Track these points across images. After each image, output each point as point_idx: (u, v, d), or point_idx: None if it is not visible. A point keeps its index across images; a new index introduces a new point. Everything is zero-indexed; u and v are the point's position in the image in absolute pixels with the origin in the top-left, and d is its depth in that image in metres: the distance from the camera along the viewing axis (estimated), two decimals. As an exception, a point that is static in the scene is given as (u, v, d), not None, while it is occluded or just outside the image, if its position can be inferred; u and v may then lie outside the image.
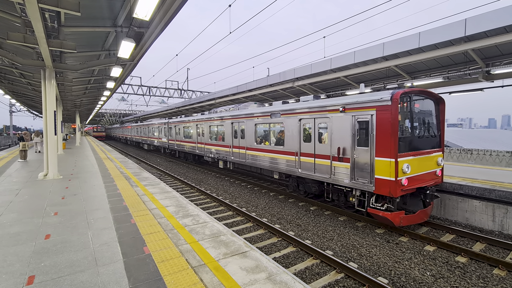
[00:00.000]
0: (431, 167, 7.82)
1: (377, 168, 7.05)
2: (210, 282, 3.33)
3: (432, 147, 8.00)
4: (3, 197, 7.14)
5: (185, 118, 20.50)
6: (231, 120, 13.72)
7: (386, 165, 6.84)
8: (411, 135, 7.56)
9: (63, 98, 20.23)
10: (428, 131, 8.08)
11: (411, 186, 7.09)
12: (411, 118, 7.60)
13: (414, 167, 7.16)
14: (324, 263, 5.69)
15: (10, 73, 13.47)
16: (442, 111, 8.35)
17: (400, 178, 6.76)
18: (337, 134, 8.16)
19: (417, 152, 7.38)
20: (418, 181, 7.34)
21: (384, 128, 6.90)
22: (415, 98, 7.76)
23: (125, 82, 22.25)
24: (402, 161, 6.82)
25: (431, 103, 8.32)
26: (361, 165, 7.50)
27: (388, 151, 6.79)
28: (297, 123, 9.64)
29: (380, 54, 10.64)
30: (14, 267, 3.64)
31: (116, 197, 7.25)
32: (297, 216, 8.75)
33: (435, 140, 8.22)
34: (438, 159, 8.02)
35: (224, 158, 14.71)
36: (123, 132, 51.28)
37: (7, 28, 7.65)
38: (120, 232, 4.83)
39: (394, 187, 6.69)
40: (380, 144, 6.97)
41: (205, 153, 16.88)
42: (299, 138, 9.60)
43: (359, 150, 7.56)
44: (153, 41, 8.45)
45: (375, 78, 13.63)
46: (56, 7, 5.32)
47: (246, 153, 12.70)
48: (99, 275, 3.46)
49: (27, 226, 5.08)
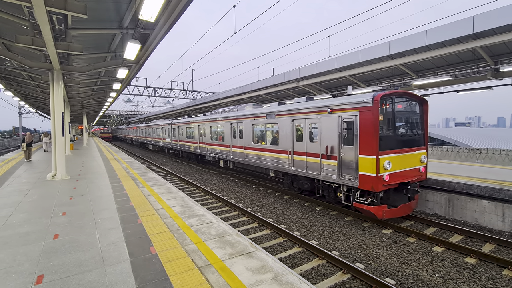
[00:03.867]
0: (414, 164, 8.24)
1: (360, 165, 7.54)
2: (216, 283, 3.34)
3: (415, 146, 8.40)
4: (13, 197, 7.27)
5: (188, 119, 21.03)
6: (230, 121, 14.26)
7: (368, 162, 7.32)
8: (393, 134, 7.97)
9: (70, 99, 20.52)
10: (411, 131, 8.53)
11: (393, 182, 7.54)
12: (393, 118, 8.02)
13: (396, 164, 7.62)
14: (330, 264, 5.65)
15: (19, 76, 13.72)
16: (426, 111, 8.73)
17: (382, 174, 7.24)
18: (325, 134, 8.64)
19: (399, 150, 7.81)
20: (400, 177, 7.75)
21: (366, 127, 7.39)
22: (397, 99, 8.17)
23: (131, 83, 22.52)
24: (383, 158, 7.30)
25: (414, 104, 8.72)
26: (347, 162, 7.98)
27: (370, 149, 7.27)
28: (290, 123, 10.12)
29: (386, 52, 10.54)
30: (24, 266, 3.70)
31: (123, 197, 7.32)
32: (303, 216, 8.71)
33: (419, 139, 8.60)
34: (421, 156, 8.42)
35: (224, 157, 15.31)
36: (129, 133, 52.05)
37: (15, 31, 7.79)
38: (127, 232, 4.87)
39: (376, 182, 7.19)
40: (363, 142, 7.48)
41: (207, 153, 17.48)
42: (292, 137, 10.09)
43: (345, 148, 8.05)
44: (158, 43, 8.50)
45: (380, 77, 13.51)
46: (63, 10, 5.39)
47: (244, 152, 13.25)
48: (107, 274, 3.49)
49: (36, 226, 5.16)
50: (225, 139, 14.97)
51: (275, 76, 16.63)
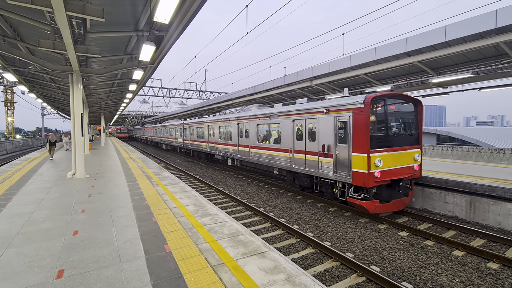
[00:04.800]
0: (408, 162, 8.62)
1: (354, 162, 8.02)
2: (229, 282, 3.35)
3: (409, 144, 8.74)
4: (36, 194, 7.60)
5: (198, 119, 21.77)
6: (236, 121, 14.99)
7: (360, 159, 7.79)
8: (385, 133, 8.33)
9: (89, 101, 21.26)
10: (404, 130, 8.90)
11: (385, 178, 7.98)
12: (385, 118, 8.39)
13: (387, 161, 8.05)
14: (344, 266, 5.55)
15: (42, 78, 14.34)
16: (420, 112, 9.10)
17: (373, 171, 7.70)
18: (322, 133, 9.17)
19: (391, 149, 8.22)
20: (392, 174, 8.17)
21: (358, 127, 7.86)
22: (390, 101, 8.51)
23: (146, 84, 23.07)
24: (374, 156, 7.75)
25: (408, 105, 9.07)
26: (342, 160, 8.47)
27: (362, 148, 7.74)
28: (291, 123, 10.68)
29: (403, 49, 10.24)
30: (45, 261, 3.85)
31: (138, 195, 7.49)
32: (316, 217, 8.61)
33: (412, 138, 8.94)
34: (415, 155, 8.78)
35: (231, 156, 15.99)
36: (143, 133, 53.65)
37: (38, 36, 8.15)
38: (142, 230, 4.98)
39: (367, 178, 7.64)
40: (355, 141, 7.96)
41: (216, 152, 18.18)
42: (293, 137, 10.64)
43: (340, 146, 8.56)
44: (172, 44, 8.65)
45: (397, 75, 13.14)
46: (82, 14, 5.58)
47: (250, 151, 13.90)
48: (123, 271, 3.58)
49: (57, 223, 5.37)
50: (232, 139, 15.65)
51: (288, 75, 16.53)
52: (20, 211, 6.06)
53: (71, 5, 5.42)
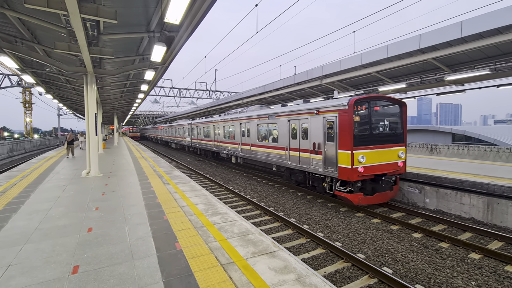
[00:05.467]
0: (392, 159, 9.23)
1: (339, 159, 8.73)
2: (239, 281, 3.36)
3: (393, 143, 9.33)
4: (53, 192, 7.85)
5: (205, 119, 22.78)
6: (239, 121, 15.92)
7: (345, 156, 8.50)
8: (369, 132, 8.96)
9: (102, 101, 21.77)
10: (388, 129, 9.45)
11: (368, 173, 8.63)
12: (369, 118, 9.01)
13: (370, 158, 8.68)
14: (355, 267, 5.47)
15: (58, 80, 14.79)
16: (404, 112, 9.71)
17: (356, 167, 8.38)
18: (313, 132, 9.86)
19: (374, 146, 8.84)
20: (375, 169, 8.81)
21: (343, 127, 8.57)
22: (374, 102, 9.14)
23: (157, 84, 23.43)
24: (357, 153, 8.42)
25: (392, 106, 9.67)
26: (330, 157, 9.19)
27: (347, 145, 8.47)
28: (287, 123, 11.39)
29: (416, 46, 9.96)
30: (61, 257, 3.97)
31: (150, 194, 7.62)
32: (326, 217, 8.52)
33: (397, 136, 9.51)
34: (399, 152, 9.37)
35: (235, 154, 16.94)
36: (154, 133, 54.96)
37: (54, 39, 8.40)
38: (154, 228, 5.07)
39: (351, 173, 8.34)
40: (341, 139, 8.69)
41: (221, 150, 19.15)
42: (289, 135, 11.35)
43: (328, 144, 9.27)
44: (182, 44, 8.74)
45: (410, 72, 12.82)
46: (96, 16, 5.71)
47: (251, 149, 14.79)
48: (135, 268, 3.65)
49: (73, 220, 5.53)
50: (235, 138, 16.62)
51: (298, 74, 16.41)
52: (37, 208, 6.28)
53: (85, 8, 5.55)
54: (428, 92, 15.45)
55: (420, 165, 11.80)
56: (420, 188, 9.68)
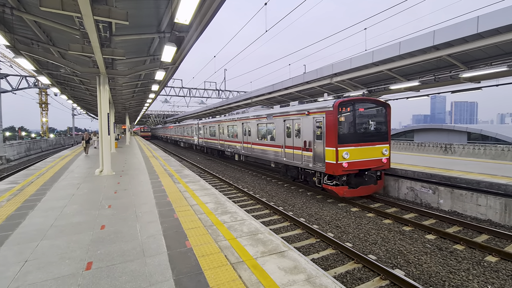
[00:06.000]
0: (375, 155, 9.97)
1: (326, 155, 9.57)
2: (248, 280, 3.36)
3: (377, 141, 10.08)
4: (67, 190, 8.08)
5: (211, 119, 24.00)
6: (241, 121, 16.93)
7: (331, 152, 9.36)
8: (353, 131, 9.83)
9: (115, 101, 22.22)
10: (372, 129, 10.33)
11: (352, 168, 9.43)
12: (354, 119, 9.84)
13: (354, 154, 9.49)
14: (366, 268, 5.38)
15: (72, 81, 15.19)
16: (388, 113, 10.50)
17: (341, 162, 9.21)
18: (305, 131, 10.73)
19: (358, 144, 9.64)
20: (359, 165, 9.60)
21: (329, 126, 9.45)
22: (358, 104, 9.93)
23: (167, 84, 23.71)
24: (341, 150, 9.25)
25: (376, 108, 10.47)
26: (318, 153, 10.03)
27: (332, 143, 9.32)
28: (282, 123, 12.30)
29: (430, 43, 9.70)
30: (76, 253, 4.08)
31: (161, 192, 7.73)
32: (336, 217, 8.42)
33: (381, 135, 10.28)
34: (383, 149, 10.11)
35: (237, 152, 18.03)
36: (164, 132, 56.28)
37: (68, 41, 8.61)
38: (164, 226, 5.13)
39: (336, 168, 9.20)
40: (327, 138, 9.54)
41: (225, 148, 20.23)
42: (284, 134, 12.24)
43: (317, 142, 10.14)
44: (192, 44, 8.80)
45: (423, 70, 12.50)
46: (108, 18, 5.82)
47: (251, 147, 15.79)
48: (146, 265, 3.71)
49: (86, 217, 5.66)
50: (238, 137, 17.67)
51: (307, 73, 16.27)
52: (53, 206, 6.47)
53: (98, 10, 5.66)
54: (442, 90, 15.02)
55: (433, 165, 11.50)
56: (433, 189, 9.44)
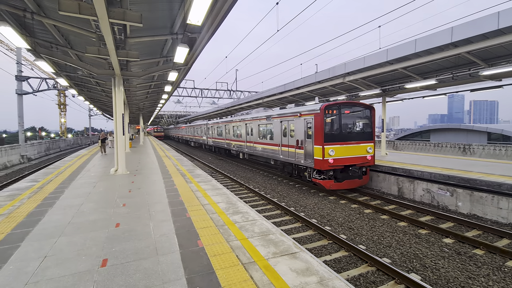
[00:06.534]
0: (360, 153, 11.10)
1: (315, 152, 10.81)
2: (260, 281, 3.34)
3: (362, 140, 11.22)
4: (84, 189, 8.32)
5: (218, 120, 25.79)
6: (244, 122, 18.46)
7: (319, 150, 10.59)
8: (338, 131, 11.03)
9: (129, 102, 22.73)
10: (358, 129, 11.52)
11: (337, 164, 10.61)
12: (339, 120, 11.05)
13: (339, 152, 10.66)
14: (380, 272, 5.26)
15: (88, 82, 15.66)
16: (373, 115, 11.71)
17: (327, 158, 10.44)
18: (297, 131, 12.03)
19: (343, 142, 10.82)
20: (344, 161, 10.75)
21: (317, 127, 10.67)
22: (344, 107, 11.14)
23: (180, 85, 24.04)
24: (328, 148, 10.47)
25: (361, 110, 11.63)
26: (309, 151, 11.29)
27: (319, 141, 10.56)
28: (279, 123, 13.67)
29: (448, 40, 9.36)
30: (92, 250, 4.19)
31: (173, 192, 7.83)
32: (349, 219, 8.28)
33: (365, 135, 11.39)
34: (367, 148, 11.25)
35: (242, 150, 19.58)
36: (176, 132, 57.89)
37: (85, 43, 8.89)
38: (177, 225, 5.19)
39: (323, 164, 10.45)
40: (316, 137, 10.76)
41: (231, 147, 21.78)
42: (281, 134, 13.55)
43: (307, 141, 11.41)
44: (204, 45, 8.87)
45: (441, 68, 12.09)
46: (123, 20, 5.95)
47: (254, 146, 17.30)
48: (159, 263, 3.76)
49: (102, 215, 5.81)
50: (242, 136, 19.21)
51: (319, 72, 16.06)
52: (71, 203, 6.68)
53: (113, 13, 5.80)
54: (461, 89, 14.49)
55: (451, 166, 11.12)
56: (451, 191, 9.12)
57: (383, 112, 15.72)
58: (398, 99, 17.00)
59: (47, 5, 6.82)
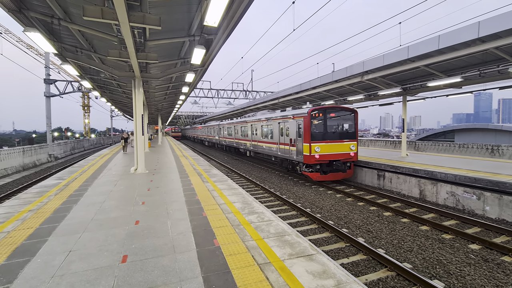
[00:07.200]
0: (343, 150, 12.96)
1: (304, 149, 12.68)
2: (275, 282, 3.32)
3: (345, 138, 13.14)
4: (106, 187, 8.65)
5: (228, 121, 28.50)
6: (250, 123, 20.75)
7: (307, 147, 12.47)
8: (323, 131, 12.93)
9: (148, 103, 23.40)
10: (341, 129, 13.47)
11: (323, 159, 12.43)
12: (324, 122, 12.99)
13: (324, 149, 12.53)
14: (401, 277, 5.07)
15: (110, 84, 16.27)
16: (356, 118, 13.62)
17: (313, 154, 12.29)
18: (291, 131, 14.06)
19: (328, 141, 12.70)
20: (329, 157, 12.57)
21: (305, 127, 12.61)
22: (329, 110, 13.16)
23: (197, 86, 24.47)
24: (314, 145, 12.36)
25: (345, 113, 13.61)
26: (299, 148, 13.14)
27: (307, 139, 12.50)
28: (278, 124, 15.79)
29: (475, 35, 8.88)
30: (112, 246, 4.34)
31: (190, 191, 7.97)
32: (368, 221, 8.06)
33: (349, 134, 13.34)
34: (350, 145, 13.07)
35: (248, 148, 21.57)
36: (193, 132, 59.83)
37: (107, 47, 9.23)
38: (193, 224, 5.27)
39: (310, 159, 12.34)
40: (304, 136, 12.66)
41: (239, 146, 24.04)
42: (278, 134, 15.67)
43: (298, 140, 13.27)
44: (220, 47, 8.96)
45: (467, 64, 11.50)
46: (142, 24, 6.13)
47: (258, 145, 19.41)
48: (177, 261, 3.83)
49: (122, 212, 6.01)
50: (248, 136, 21.35)
51: (336, 71, 15.75)
52: (93, 201, 6.96)
53: (133, 17, 5.99)
54: (489, 86, 13.72)
55: (478, 168, 10.55)
56: (478, 194, 8.65)
57: (403, 111, 15.18)
58: (420, 98, 16.34)
59: (73, 11, 7.16)
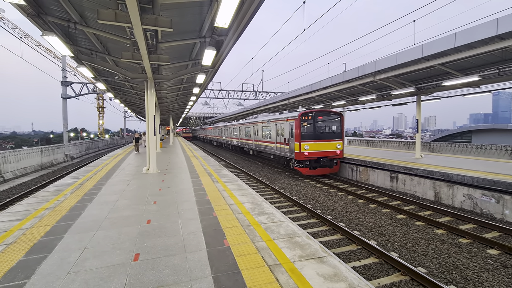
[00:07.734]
0: (330, 148, 14.90)
1: (295, 147, 14.54)
2: (286, 283, 3.29)
3: (332, 138, 15.11)
4: (119, 186, 8.84)
5: (234, 122, 30.61)
6: (252, 125, 22.86)
7: (297, 145, 14.37)
8: (312, 132, 14.86)
9: (160, 104, 23.79)
10: (329, 130, 15.53)
11: (311, 156, 14.36)
12: (313, 123, 14.98)
13: (312, 147, 14.42)
14: (415, 282, 4.93)
15: (124, 86, 16.64)
16: (342, 120, 15.67)
17: (303, 152, 14.23)
18: (285, 131, 15.98)
19: (316, 140, 14.64)
20: (317, 154, 14.47)
21: (296, 128, 14.51)
22: (317, 113, 15.26)
23: (207, 87, 24.69)
24: (303, 144, 14.30)
25: (331, 116, 15.76)
26: (292, 146, 15.05)
27: (297, 139, 14.38)
28: (275, 126, 17.72)
29: (493, 32, 8.55)
30: (125, 244, 4.42)
31: (201, 191, 8.03)
32: (380, 224, 7.89)
33: (335, 134, 15.37)
34: (336, 144, 15.03)
35: (250, 147, 23.76)
36: (203, 133, 61.56)
37: (121, 49, 9.44)
38: (204, 224, 5.31)
39: (300, 155, 14.29)
40: (295, 136, 14.54)
41: (244, 145, 26.03)
42: (275, 134, 17.59)
43: (291, 139, 15.19)
44: (231, 48, 9.00)
45: (485, 63, 11.10)
46: (154, 26, 6.23)
47: (259, 144, 21.22)
48: (187, 261, 3.86)
49: (134, 211, 6.12)
50: (251, 136, 23.36)
51: (347, 71, 15.54)
52: (107, 200, 7.12)
53: (146, 19, 6.10)
54: (508, 85, 13.20)
55: (497, 170, 10.15)
56: (497, 197, 8.32)
57: (417, 112, 14.81)
58: (435, 98, 15.88)
59: (88, 15, 7.36)
